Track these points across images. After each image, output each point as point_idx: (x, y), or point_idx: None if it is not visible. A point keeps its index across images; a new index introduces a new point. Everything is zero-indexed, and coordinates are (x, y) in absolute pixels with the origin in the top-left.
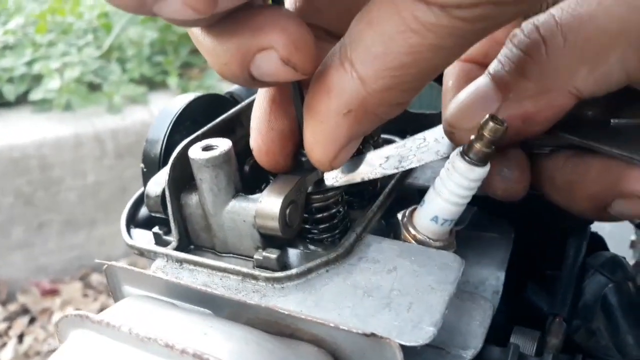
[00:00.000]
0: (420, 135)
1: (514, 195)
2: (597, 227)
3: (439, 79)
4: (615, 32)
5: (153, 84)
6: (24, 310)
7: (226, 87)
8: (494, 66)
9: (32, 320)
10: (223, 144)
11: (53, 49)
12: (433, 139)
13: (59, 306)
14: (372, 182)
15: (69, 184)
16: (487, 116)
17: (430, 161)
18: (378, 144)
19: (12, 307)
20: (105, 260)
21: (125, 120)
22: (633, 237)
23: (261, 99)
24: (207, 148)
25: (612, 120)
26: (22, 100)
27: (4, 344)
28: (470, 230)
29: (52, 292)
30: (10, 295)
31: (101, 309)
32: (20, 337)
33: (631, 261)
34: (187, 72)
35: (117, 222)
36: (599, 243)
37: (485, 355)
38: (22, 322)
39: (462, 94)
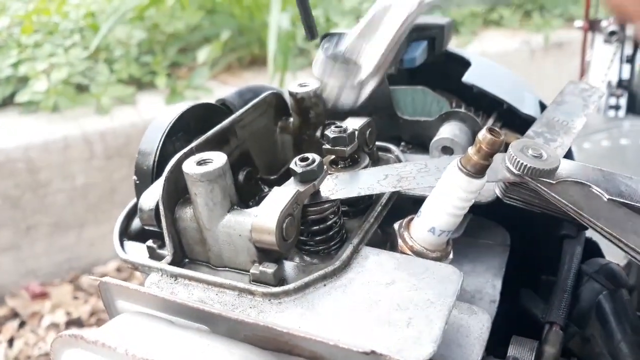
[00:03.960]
0: (421, 161)
1: None
2: (591, 232)
3: (431, 84)
4: None
5: (141, 85)
6: (14, 314)
7: (215, 88)
8: None
9: (22, 324)
10: (218, 158)
11: (39, 50)
12: (434, 167)
13: (49, 309)
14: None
15: (57, 186)
16: (484, 129)
17: (429, 186)
18: (373, 152)
19: (2, 311)
20: (95, 262)
21: (113, 122)
22: None
23: None
24: (201, 162)
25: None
26: (8, 102)
27: None
28: (466, 237)
29: (42, 296)
30: None
31: (92, 312)
32: (11, 342)
33: (622, 262)
34: (175, 72)
35: (107, 224)
36: (594, 249)
37: None
38: (11, 326)
39: None
